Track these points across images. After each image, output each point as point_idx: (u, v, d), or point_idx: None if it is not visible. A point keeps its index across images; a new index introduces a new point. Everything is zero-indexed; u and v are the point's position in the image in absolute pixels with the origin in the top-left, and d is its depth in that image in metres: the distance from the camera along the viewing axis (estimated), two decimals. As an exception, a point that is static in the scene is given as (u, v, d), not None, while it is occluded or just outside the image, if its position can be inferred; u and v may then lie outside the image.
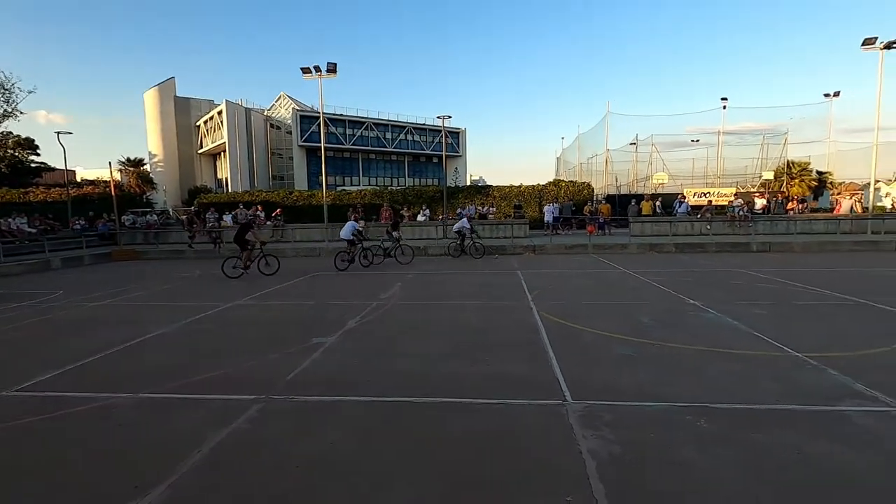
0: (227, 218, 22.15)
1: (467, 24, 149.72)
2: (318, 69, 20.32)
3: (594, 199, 28.04)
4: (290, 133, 53.46)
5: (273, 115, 57.73)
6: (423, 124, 58.63)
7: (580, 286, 10.06)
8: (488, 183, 38.61)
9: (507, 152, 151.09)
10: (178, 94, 54.73)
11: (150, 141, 53.55)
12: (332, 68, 20.32)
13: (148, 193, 38.99)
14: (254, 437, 3.65)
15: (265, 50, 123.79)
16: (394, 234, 15.08)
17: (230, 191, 43.47)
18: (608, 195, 30.45)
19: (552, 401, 4.15)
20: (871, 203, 24.02)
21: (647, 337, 6.03)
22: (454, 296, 9.20)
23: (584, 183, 29.15)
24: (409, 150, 58.95)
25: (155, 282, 12.12)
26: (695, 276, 10.93)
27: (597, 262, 13.96)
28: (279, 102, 58.59)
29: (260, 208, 23.24)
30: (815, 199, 32.06)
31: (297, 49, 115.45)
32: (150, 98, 53.19)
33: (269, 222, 21.78)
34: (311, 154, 50.98)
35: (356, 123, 54.48)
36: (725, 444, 3.36)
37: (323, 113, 22.49)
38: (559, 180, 29.45)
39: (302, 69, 20.41)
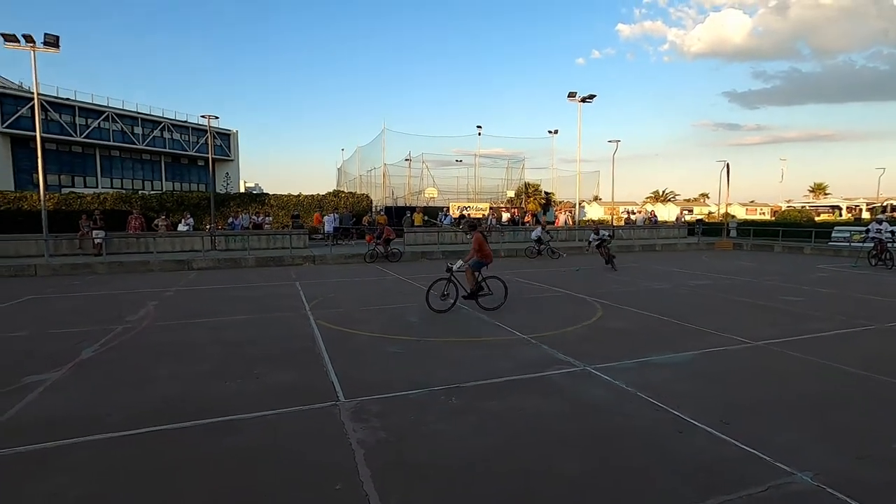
0: None
1: (242, 27, 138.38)
2: (29, 39, 16.02)
3: (373, 210, 29.29)
4: (-18, 115, 40.33)
5: (-48, 89, 42.68)
6: (185, 122, 51.43)
7: (358, 293, 10.47)
8: (265, 191, 36.40)
9: (287, 160, 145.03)
10: None
11: None
12: (51, 41, 16.26)
13: None
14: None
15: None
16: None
17: None
18: (386, 207, 32.18)
19: (326, 403, 4.32)
20: (577, 217, 31.38)
21: (414, 334, 6.74)
22: (224, 311, 8.50)
23: (363, 194, 30.20)
24: (167, 150, 50.93)
25: None
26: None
27: (374, 270, 14.69)
28: (-37, 72, 43.68)
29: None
30: (544, 213, 40.16)
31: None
32: None
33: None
34: (20, 144, 39.59)
35: (91, 112, 44.37)
36: (469, 414, 4.08)
37: (39, 94, 17.74)
38: (339, 191, 29.82)
39: (3, 35, 15.77)
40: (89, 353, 5.91)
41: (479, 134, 39.48)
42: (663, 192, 76.66)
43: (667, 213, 54.09)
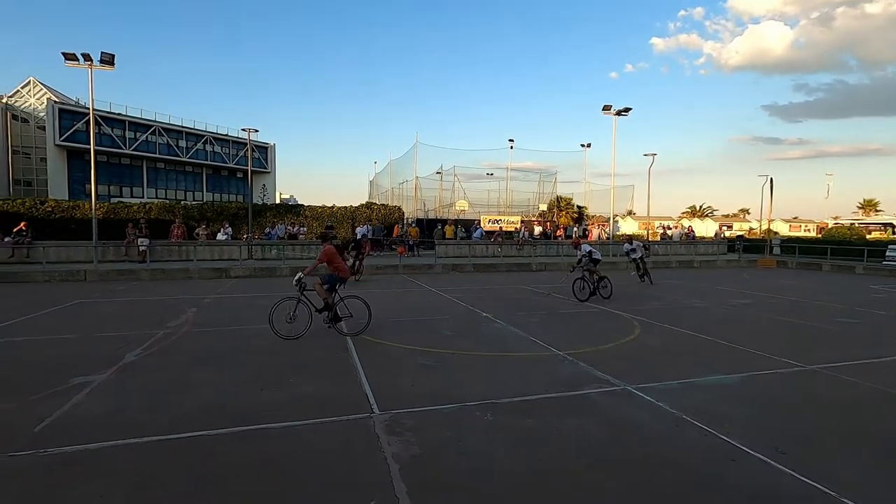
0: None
1: (275, 39, 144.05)
2: (87, 57, 17.04)
3: (404, 222, 29.52)
4: (42, 128, 43.07)
5: (17, 105, 45.80)
6: (226, 135, 53.47)
7: (389, 304, 10.48)
8: (300, 202, 37.25)
9: (321, 172, 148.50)
10: None
11: None
12: (107, 59, 17.25)
13: None
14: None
15: (10, 22, 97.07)
16: None
17: (-59, 196, 32.64)
18: (417, 219, 32.40)
19: (360, 414, 4.28)
20: (611, 232, 30.75)
21: (447, 347, 6.66)
22: (260, 319, 8.61)
23: (395, 206, 30.49)
24: (209, 162, 52.97)
25: None
26: (488, 292, 12.42)
27: (406, 282, 14.72)
28: (27, 90, 46.71)
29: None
30: (576, 227, 39.58)
31: (59, 22, 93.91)
32: None
33: (7, 238, 17.09)
34: (75, 157, 41.88)
35: (140, 126, 46.71)
36: (504, 431, 3.96)
37: (94, 109, 18.79)
38: (372, 203, 30.21)
39: (65, 55, 16.83)
40: (132, 357, 6.09)
41: (511, 147, 39.42)
42: (700, 206, 74.42)
43: (704, 228, 52.41)
